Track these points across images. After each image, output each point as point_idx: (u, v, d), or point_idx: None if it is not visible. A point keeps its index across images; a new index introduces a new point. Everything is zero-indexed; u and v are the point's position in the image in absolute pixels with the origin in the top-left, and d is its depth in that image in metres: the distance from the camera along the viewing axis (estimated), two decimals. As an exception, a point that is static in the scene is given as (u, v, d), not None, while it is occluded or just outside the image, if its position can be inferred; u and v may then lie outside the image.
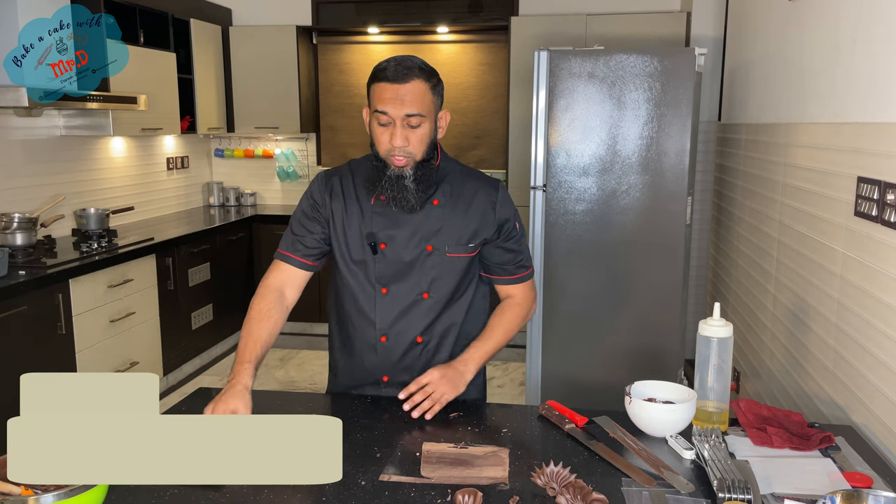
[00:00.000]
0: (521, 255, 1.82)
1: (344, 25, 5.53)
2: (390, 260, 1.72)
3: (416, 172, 1.65)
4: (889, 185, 1.72)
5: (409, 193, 1.65)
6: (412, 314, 1.74)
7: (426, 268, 1.72)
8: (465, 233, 1.73)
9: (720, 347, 1.62)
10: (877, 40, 1.88)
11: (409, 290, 1.73)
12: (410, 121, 1.61)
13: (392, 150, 1.62)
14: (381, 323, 1.75)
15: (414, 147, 1.63)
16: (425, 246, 1.71)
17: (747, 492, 1.26)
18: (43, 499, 1.15)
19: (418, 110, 1.61)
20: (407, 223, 1.71)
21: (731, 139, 3.65)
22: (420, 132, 1.63)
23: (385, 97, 1.60)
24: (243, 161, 5.81)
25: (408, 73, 1.60)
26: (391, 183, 1.65)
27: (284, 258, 1.78)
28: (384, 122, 1.61)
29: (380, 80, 1.61)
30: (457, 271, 1.75)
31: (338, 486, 1.34)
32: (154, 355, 4.10)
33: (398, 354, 1.77)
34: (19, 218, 3.49)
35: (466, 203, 1.74)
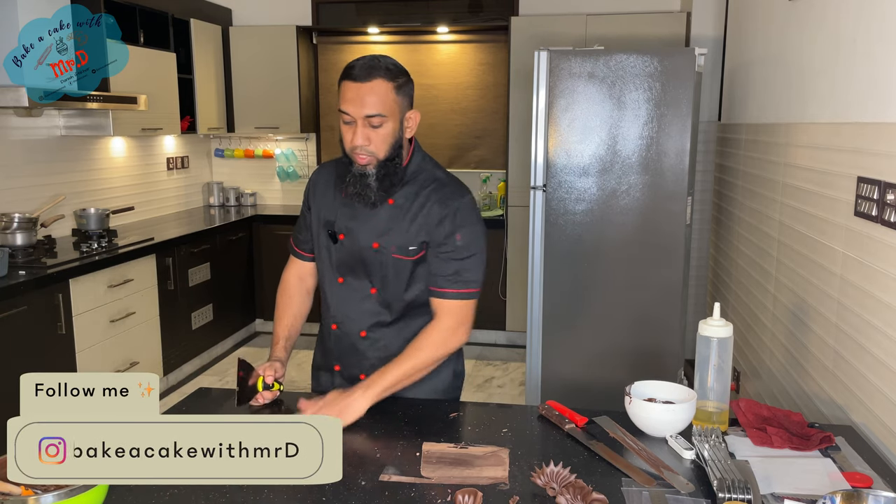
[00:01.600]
0: (456, 271, 1.70)
1: (344, 25, 5.53)
2: (348, 251, 1.77)
3: (379, 171, 1.68)
4: (889, 185, 1.72)
5: (371, 191, 1.69)
6: (361, 308, 1.79)
7: (374, 264, 1.76)
8: (410, 236, 1.72)
9: (720, 347, 1.62)
10: (877, 40, 1.88)
11: (361, 283, 1.78)
12: (371, 121, 1.63)
13: (354, 148, 1.66)
14: (335, 310, 1.82)
15: (376, 146, 1.65)
16: (372, 243, 1.75)
17: (747, 492, 1.26)
18: (43, 499, 1.15)
19: (378, 111, 1.62)
20: (364, 218, 1.75)
21: (731, 139, 3.65)
22: (382, 132, 1.64)
23: (347, 97, 1.63)
24: (243, 161, 5.81)
25: (371, 72, 1.61)
26: (355, 179, 1.69)
27: (293, 252, 1.95)
28: (347, 120, 1.65)
29: (345, 79, 1.64)
30: (404, 275, 1.75)
31: (338, 486, 1.34)
32: (154, 355, 4.10)
33: (346, 344, 1.82)
34: (19, 218, 3.49)
35: (419, 206, 1.72)
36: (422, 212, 1.71)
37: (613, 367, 3.30)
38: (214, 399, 1.86)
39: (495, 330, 5.09)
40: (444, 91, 5.40)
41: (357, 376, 1.79)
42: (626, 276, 3.28)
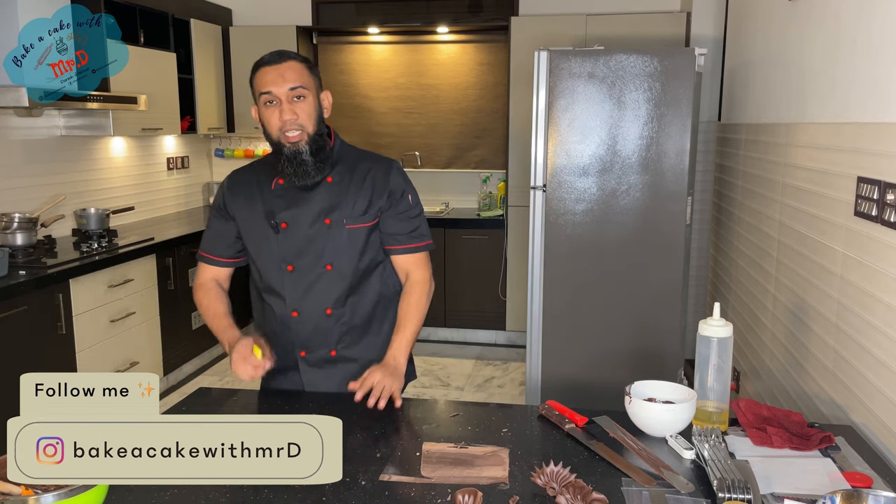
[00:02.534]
0: (416, 228, 1.88)
1: (344, 25, 5.53)
2: (292, 237, 1.80)
3: (311, 146, 1.75)
4: (889, 185, 1.72)
5: (308, 166, 1.75)
6: (319, 287, 1.82)
7: (327, 242, 1.80)
8: (361, 204, 1.81)
9: (720, 347, 1.62)
10: (877, 40, 1.88)
11: (313, 264, 1.81)
12: (293, 94, 1.72)
13: (283, 126, 1.72)
14: (291, 298, 1.83)
15: (303, 119, 1.73)
16: (324, 219, 1.79)
17: (747, 492, 1.26)
18: (43, 499, 1.15)
19: (300, 83, 1.72)
20: (305, 201, 1.80)
21: (731, 139, 3.65)
22: (305, 105, 1.74)
23: (266, 79, 1.73)
24: (243, 161, 5.80)
25: (282, 56, 1.75)
26: (289, 160, 1.74)
27: (205, 259, 1.97)
28: (270, 101, 1.72)
29: (260, 67, 1.75)
30: (357, 243, 1.83)
31: (338, 486, 1.34)
32: (154, 355, 4.10)
33: (310, 327, 1.84)
34: (19, 218, 3.49)
35: (361, 178, 1.83)
36: (366, 181, 1.82)
37: (613, 367, 3.30)
38: (214, 399, 1.86)
39: (495, 330, 5.09)
40: (444, 91, 5.40)
41: (327, 355, 1.85)
42: (626, 277, 3.28)
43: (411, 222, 1.87)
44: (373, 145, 5.59)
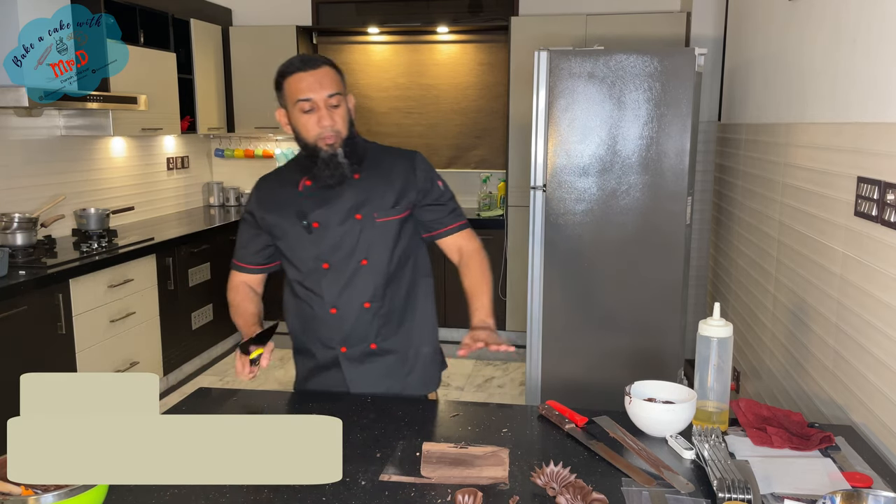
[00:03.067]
0: (453, 209, 1.93)
1: (344, 25, 5.53)
2: (326, 236, 1.82)
3: (346, 149, 1.78)
4: (889, 185, 1.72)
5: (345, 168, 1.78)
6: (355, 282, 1.84)
7: (360, 237, 1.82)
8: (390, 197, 1.84)
9: (720, 347, 1.62)
10: (877, 40, 1.88)
11: (348, 260, 1.83)
12: (331, 101, 1.75)
13: (322, 132, 1.75)
14: (329, 295, 1.85)
15: (339, 125, 1.77)
16: (354, 216, 1.82)
17: (747, 492, 1.26)
18: (43, 499, 1.15)
19: (336, 90, 1.76)
20: (334, 200, 1.82)
21: (731, 139, 3.65)
22: (341, 111, 1.78)
23: (303, 86, 1.75)
24: (243, 161, 5.81)
25: (315, 62, 1.78)
26: (326, 164, 1.77)
27: (235, 267, 1.99)
28: (308, 108, 1.75)
29: (291, 73, 1.78)
30: (389, 236, 1.85)
31: (338, 486, 1.34)
32: (154, 355, 4.10)
33: (350, 322, 1.85)
34: (19, 218, 3.49)
35: (386, 172, 1.86)
36: (392, 174, 1.85)
37: (613, 367, 3.30)
38: (214, 399, 1.86)
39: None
40: (444, 91, 5.40)
41: (367, 349, 1.87)
42: (626, 277, 3.28)
43: (447, 205, 1.91)
44: (373, 145, 5.59)
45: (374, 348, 1.88)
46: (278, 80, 1.81)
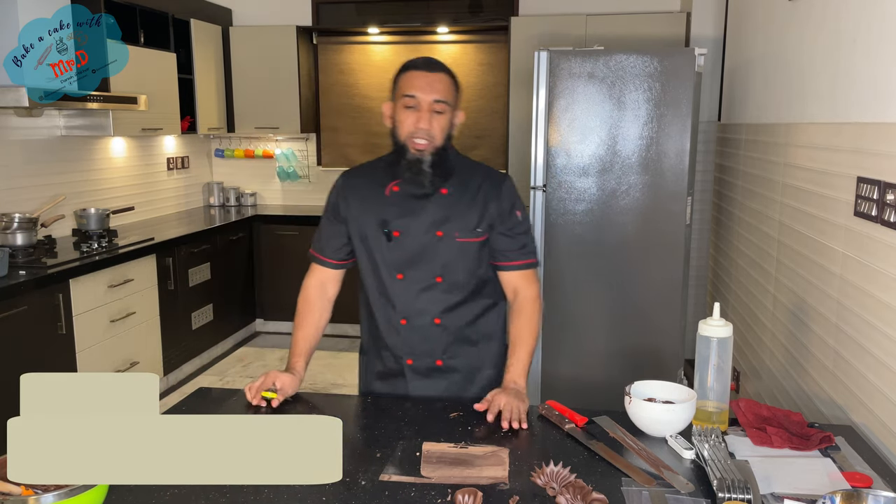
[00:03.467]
0: (525, 244, 1.86)
1: (344, 25, 5.53)
2: (404, 247, 1.80)
3: (434, 158, 1.75)
4: (889, 185, 1.72)
5: (426, 177, 1.75)
6: (428, 297, 1.82)
7: (438, 253, 1.80)
8: (472, 219, 1.81)
9: (720, 347, 1.62)
10: (877, 40, 1.88)
11: (424, 275, 1.81)
12: (436, 107, 1.73)
13: (416, 132, 1.72)
14: (401, 306, 1.83)
15: (435, 132, 1.74)
16: (436, 232, 1.79)
17: (747, 492, 1.26)
18: (43, 499, 1.15)
19: (444, 97, 1.74)
20: (419, 211, 1.79)
21: (731, 139, 3.65)
22: (442, 120, 1.75)
23: (416, 83, 1.73)
24: (243, 161, 5.81)
25: (437, 66, 1.78)
26: (410, 165, 1.75)
27: (317, 260, 1.93)
28: (411, 104, 1.73)
29: (410, 69, 1.77)
30: (468, 257, 1.82)
31: (338, 486, 1.34)
32: (154, 355, 4.10)
33: (418, 336, 1.84)
34: (19, 218, 3.49)
35: (473, 192, 1.82)
36: (478, 195, 1.81)
37: (613, 367, 3.30)
38: (214, 399, 1.86)
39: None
40: (444, 91, 5.39)
41: (433, 365, 1.85)
42: (626, 277, 3.28)
43: (519, 239, 1.85)
44: (373, 145, 5.59)
45: (439, 364, 1.86)
46: (397, 74, 1.79)
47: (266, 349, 5.05)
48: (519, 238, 1.85)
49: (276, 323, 5.35)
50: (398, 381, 1.88)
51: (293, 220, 5.25)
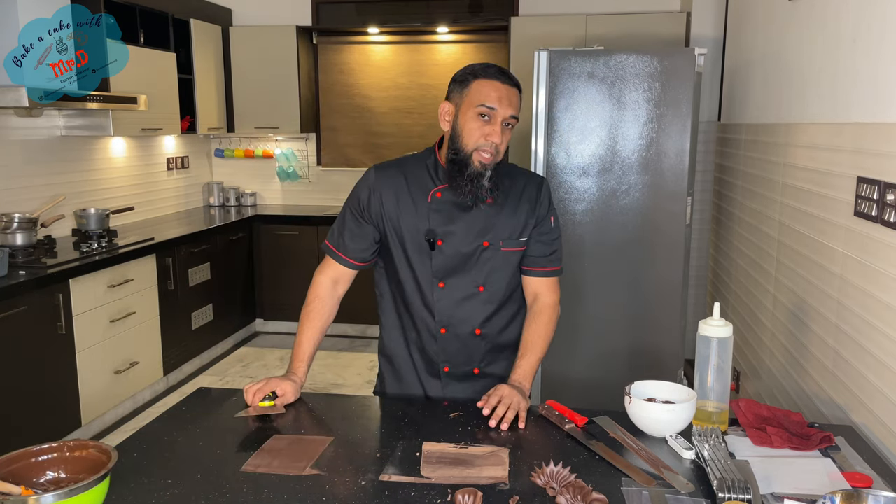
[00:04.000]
0: (554, 251, 1.85)
1: (344, 25, 5.53)
2: (447, 255, 1.78)
3: (493, 171, 1.73)
4: (889, 185, 1.72)
5: (485, 190, 1.73)
6: (469, 306, 1.80)
7: (482, 262, 1.79)
8: (517, 227, 1.80)
9: (720, 347, 1.62)
10: (877, 40, 1.88)
11: (466, 283, 1.79)
12: (510, 122, 1.71)
13: (485, 144, 1.69)
14: (440, 315, 1.80)
15: (502, 147, 1.72)
16: (482, 241, 1.77)
17: (747, 492, 1.26)
18: (43, 499, 1.15)
19: (517, 113, 1.72)
20: (463, 220, 1.77)
21: (731, 139, 3.65)
22: (509, 135, 1.73)
23: (493, 95, 1.68)
24: (243, 161, 5.81)
25: (513, 78, 1.73)
26: (470, 179, 1.71)
27: (335, 256, 1.86)
28: (485, 114, 1.68)
29: (486, 77, 1.71)
30: (510, 265, 1.82)
31: (338, 485, 1.34)
32: (154, 355, 4.10)
33: (457, 345, 1.82)
34: (19, 218, 3.49)
35: (516, 199, 1.81)
36: (522, 199, 1.80)
37: (613, 367, 3.30)
38: (214, 399, 1.86)
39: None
40: (443, 91, 5.34)
41: (470, 372, 1.84)
42: (626, 276, 3.27)
43: (550, 245, 1.84)
44: (373, 145, 5.60)
45: (476, 372, 1.85)
46: (467, 77, 1.72)
47: (266, 349, 5.05)
48: (551, 244, 1.84)
49: (276, 323, 5.36)
50: (434, 383, 1.86)
51: (293, 220, 5.25)
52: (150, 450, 1.50)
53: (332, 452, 1.48)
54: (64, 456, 1.31)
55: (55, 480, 1.29)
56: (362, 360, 4.82)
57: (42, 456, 1.30)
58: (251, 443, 1.53)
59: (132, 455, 1.47)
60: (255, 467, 1.41)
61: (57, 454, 1.31)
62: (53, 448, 1.31)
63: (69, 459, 1.31)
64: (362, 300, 2.51)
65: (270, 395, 1.69)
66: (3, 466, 1.24)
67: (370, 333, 5.28)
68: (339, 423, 1.67)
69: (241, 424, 1.63)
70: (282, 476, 1.38)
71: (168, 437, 1.57)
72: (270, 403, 1.69)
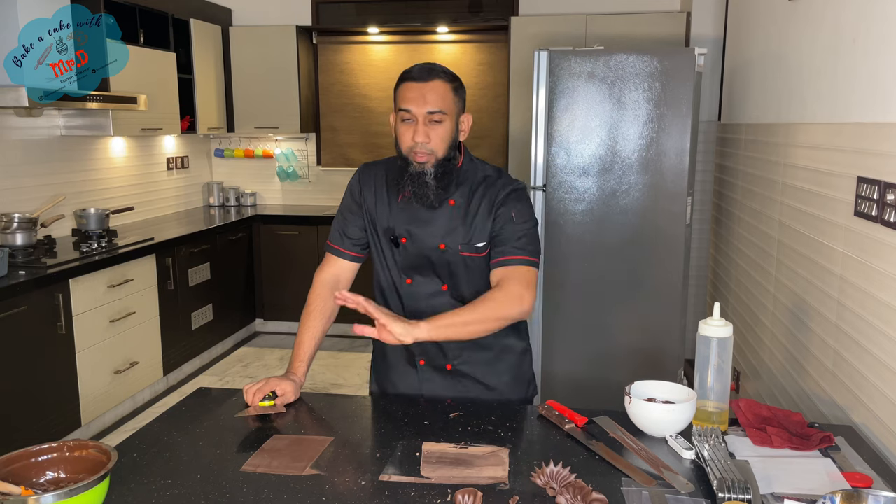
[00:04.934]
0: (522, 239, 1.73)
1: (344, 25, 5.53)
2: (411, 254, 1.80)
3: (437, 170, 1.72)
4: (889, 185, 1.72)
5: (430, 190, 1.72)
6: (436, 303, 1.81)
7: (442, 263, 1.79)
8: (476, 234, 1.77)
9: (720, 347, 1.62)
10: (877, 40, 1.88)
11: (430, 282, 1.81)
12: (432, 117, 1.69)
13: (414, 146, 1.70)
14: (409, 309, 1.83)
15: (435, 144, 1.70)
16: (438, 244, 1.78)
17: (747, 492, 1.26)
18: (43, 499, 1.15)
19: (439, 107, 1.69)
20: (425, 221, 1.78)
21: (730, 139, 3.65)
22: (441, 130, 1.70)
23: (408, 96, 1.69)
24: (243, 161, 5.81)
25: (430, 73, 1.70)
26: (412, 179, 1.72)
27: (334, 251, 1.89)
28: (407, 118, 1.70)
29: (405, 81, 1.72)
30: (473, 270, 1.80)
31: (338, 485, 1.34)
32: (154, 355, 4.10)
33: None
34: (19, 218, 3.49)
35: (478, 202, 1.78)
36: (479, 210, 1.77)
37: (613, 367, 3.30)
38: (214, 399, 1.86)
39: (495, 330, 5.07)
40: (444, 91, 5.39)
41: (443, 367, 1.84)
42: (626, 276, 3.28)
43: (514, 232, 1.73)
44: (373, 145, 5.60)
45: (448, 369, 1.85)
46: (396, 83, 1.75)
47: (266, 349, 5.05)
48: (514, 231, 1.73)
49: (275, 323, 5.36)
50: (410, 377, 1.87)
51: (293, 220, 5.25)
52: (150, 450, 1.50)
53: (332, 452, 1.48)
54: (64, 456, 1.31)
55: (55, 480, 1.29)
56: (362, 360, 4.82)
57: (42, 456, 1.30)
58: (251, 443, 1.53)
59: (132, 455, 1.47)
60: (254, 467, 1.41)
61: (57, 454, 1.31)
62: (53, 448, 1.31)
63: (69, 459, 1.31)
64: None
65: (270, 395, 1.70)
66: (3, 466, 1.24)
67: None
68: (339, 423, 1.67)
69: (241, 424, 1.63)
70: (282, 476, 1.38)
71: (168, 437, 1.57)
72: (270, 403, 1.69)
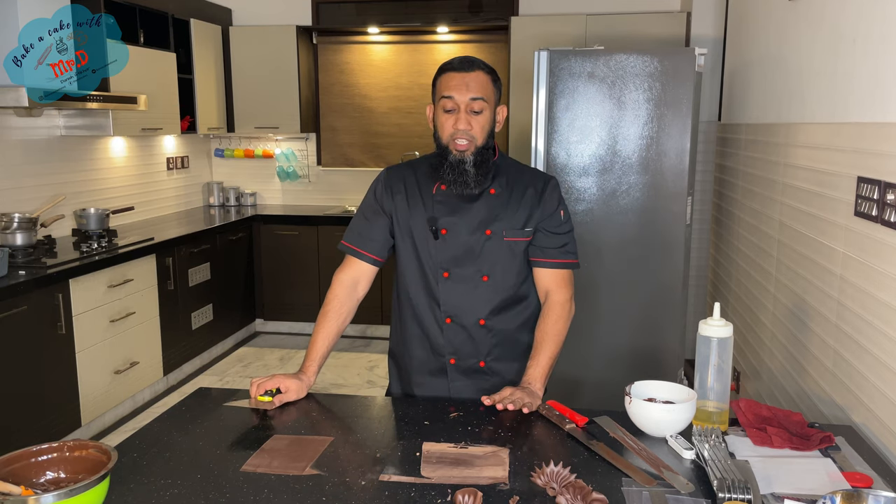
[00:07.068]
0: (565, 244, 1.87)
1: (344, 25, 5.53)
2: (451, 245, 1.81)
3: (476, 158, 1.76)
4: (889, 185, 1.72)
5: (469, 177, 1.76)
6: (474, 296, 1.82)
7: (485, 252, 1.81)
8: (520, 218, 1.82)
9: (720, 347, 1.62)
10: (877, 40, 1.88)
11: (470, 273, 1.82)
12: (474, 105, 1.74)
13: (455, 133, 1.73)
14: (446, 304, 1.83)
15: (476, 132, 1.75)
16: (484, 230, 1.80)
17: (747, 492, 1.26)
18: (43, 499, 1.15)
19: (482, 95, 1.75)
20: (467, 210, 1.81)
21: (731, 139, 3.65)
22: (482, 119, 1.76)
23: (451, 84, 1.75)
24: (243, 161, 5.81)
25: (472, 64, 1.78)
26: (452, 168, 1.75)
27: (355, 253, 1.90)
28: (449, 107, 1.75)
29: (446, 71, 1.78)
30: (514, 256, 1.83)
31: (338, 485, 1.34)
32: (154, 355, 4.10)
33: (463, 336, 1.84)
34: (19, 218, 3.49)
35: (520, 192, 1.84)
36: (525, 195, 1.83)
37: (613, 367, 3.30)
38: (214, 399, 1.86)
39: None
40: (444, 91, 5.39)
41: (476, 365, 1.85)
42: (626, 277, 3.27)
43: (560, 238, 1.86)
44: (373, 145, 5.60)
45: (482, 366, 1.85)
46: (435, 75, 1.80)
47: (266, 349, 5.05)
48: (560, 237, 1.86)
49: (276, 323, 5.36)
50: (439, 380, 1.87)
51: (293, 220, 5.25)
52: (150, 450, 1.50)
53: (332, 452, 1.48)
54: (64, 456, 1.31)
55: (55, 480, 1.29)
56: (362, 360, 4.81)
57: (42, 456, 1.30)
58: (251, 443, 1.53)
59: (132, 455, 1.47)
60: (254, 467, 1.41)
61: (57, 454, 1.31)
62: (53, 448, 1.31)
63: (69, 459, 1.31)
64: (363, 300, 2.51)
65: (272, 392, 1.71)
66: (3, 466, 1.24)
67: (370, 333, 5.28)
68: (339, 423, 1.67)
69: (240, 425, 1.63)
70: (282, 476, 1.38)
71: (168, 437, 1.57)
72: (269, 399, 1.70)
